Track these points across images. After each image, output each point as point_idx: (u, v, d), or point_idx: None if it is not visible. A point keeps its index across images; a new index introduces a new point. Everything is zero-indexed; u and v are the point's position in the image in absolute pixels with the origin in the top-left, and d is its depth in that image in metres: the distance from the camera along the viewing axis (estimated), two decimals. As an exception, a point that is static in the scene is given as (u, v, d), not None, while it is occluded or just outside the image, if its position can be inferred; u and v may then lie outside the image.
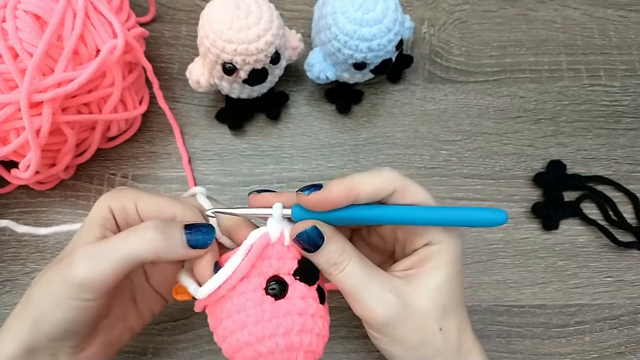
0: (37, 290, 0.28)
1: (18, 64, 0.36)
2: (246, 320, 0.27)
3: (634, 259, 0.43)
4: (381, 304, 0.28)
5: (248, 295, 0.28)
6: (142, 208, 0.30)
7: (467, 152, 0.46)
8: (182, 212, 0.30)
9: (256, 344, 0.27)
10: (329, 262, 0.28)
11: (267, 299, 0.28)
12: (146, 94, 0.46)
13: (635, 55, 0.49)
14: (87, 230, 0.29)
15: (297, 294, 0.29)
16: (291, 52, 0.44)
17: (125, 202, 0.30)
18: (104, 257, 0.27)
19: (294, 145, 0.46)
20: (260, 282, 0.28)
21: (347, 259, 0.28)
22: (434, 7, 0.51)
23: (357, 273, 0.28)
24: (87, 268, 0.26)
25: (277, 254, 0.29)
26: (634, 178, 0.45)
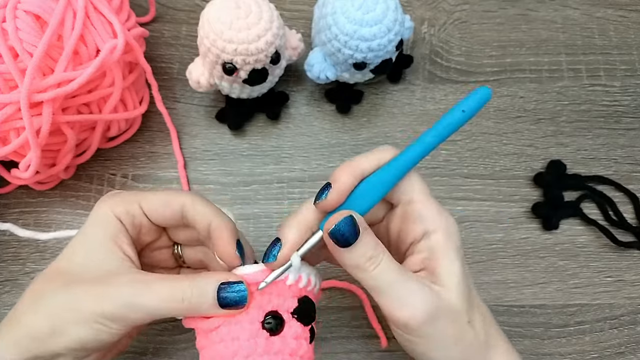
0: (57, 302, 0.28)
1: (18, 64, 0.36)
2: (238, 350, 0.27)
3: (634, 259, 0.43)
4: (420, 299, 0.27)
5: (244, 325, 0.28)
6: (148, 207, 0.30)
7: (467, 152, 0.46)
8: (191, 201, 0.30)
9: None
10: (365, 256, 0.27)
11: (262, 333, 0.28)
12: (146, 94, 0.46)
13: (635, 55, 0.49)
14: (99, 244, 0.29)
15: (292, 333, 0.28)
16: (291, 52, 0.44)
17: (129, 205, 0.29)
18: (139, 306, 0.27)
19: (294, 145, 0.46)
20: (258, 315, 0.28)
21: (381, 253, 0.27)
22: (434, 7, 0.51)
23: (393, 268, 0.27)
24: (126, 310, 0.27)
25: (277, 291, 0.29)
26: (634, 178, 0.45)
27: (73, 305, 0.27)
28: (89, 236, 0.29)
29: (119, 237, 0.29)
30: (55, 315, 0.27)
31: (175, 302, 0.27)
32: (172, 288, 0.27)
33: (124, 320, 0.27)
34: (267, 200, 0.44)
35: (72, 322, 0.27)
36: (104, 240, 0.29)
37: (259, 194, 0.45)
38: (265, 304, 0.28)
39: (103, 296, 0.27)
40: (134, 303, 0.27)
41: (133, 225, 0.30)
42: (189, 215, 0.30)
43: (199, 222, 0.30)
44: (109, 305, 0.27)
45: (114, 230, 0.29)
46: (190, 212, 0.29)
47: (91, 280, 0.28)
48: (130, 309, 0.27)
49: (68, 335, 0.27)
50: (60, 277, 0.29)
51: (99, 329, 0.27)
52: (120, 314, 0.27)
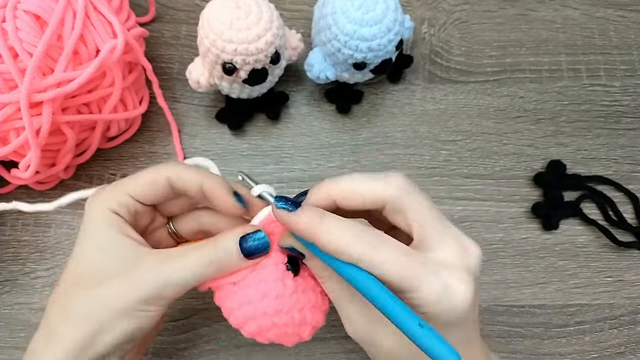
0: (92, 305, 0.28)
1: (18, 64, 0.36)
2: (268, 292, 0.29)
3: (634, 259, 0.43)
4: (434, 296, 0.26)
5: (269, 270, 0.29)
6: (136, 192, 0.30)
7: (467, 152, 0.46)
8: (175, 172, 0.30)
9: (274, 315, 0.29)
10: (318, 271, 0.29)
11: (288, 274, 0.30)
12: (146, 94, 0.46)
13: (635, 55, 0.49)
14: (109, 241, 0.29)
15: (308, 272, 0.30)
16: (291, 52, 0.44)
17: (119, 197, 0.30)
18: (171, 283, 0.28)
19: (294, 145, 0.46)
20: (281, 258, 0.30)
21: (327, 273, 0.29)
22: (434, 7, 0.51)
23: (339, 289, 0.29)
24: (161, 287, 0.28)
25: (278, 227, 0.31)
26: (634, 178, 0.45)
27: (110, 303, 0.28)
28: (96, 236, 0.29)
29: (123, 227, 0.29)
30: (94, 318, 0.28)
31: (204, 267, 0.28)
32: (196, 256, 0.29)
33: (161, 299, 0.28)
34: (267, 200, 0.44)
35: (113, 319, 0.28)
36: (112, 235, 0.29)
37: (259, 194, 0.45)
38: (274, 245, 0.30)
39: (135, 284, 0.28)
40: (166, 281, 0.28)
41: (129, 213, 0.30)
42: (177, 186, 0.30)
43: (189, 189, 0.30)
44: (143, 290, 0.28)
45: (116, 223, 0.29)
46: (178, 182, 0.30)
47: (117, 274, 0.28)
48: (163, 288, 0.28)
49: (112, 332, 0.28)
50: (84, 282, 0.29)
51: (140, 316, 0.28)
52: (156, 295, 0.28)
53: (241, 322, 0.30)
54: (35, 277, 0.42)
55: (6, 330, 0.41)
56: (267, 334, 0.30)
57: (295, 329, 0.30)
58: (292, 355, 0.40)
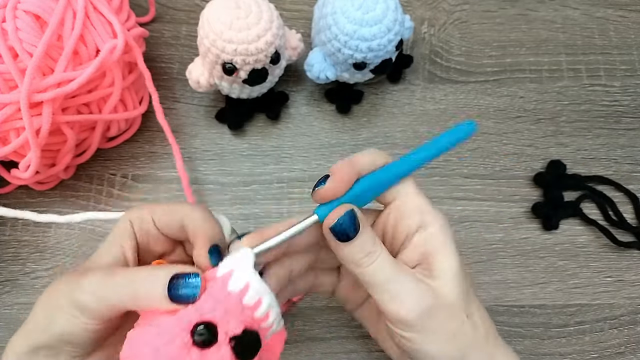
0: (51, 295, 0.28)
1: (18, 64, 0.36)
2: (151, 350, 0.24)
3: (634, 259, 0.43)
4: (415, 296, 0.27)
5: (172, 322, 0.24)
6: (156, 214, 0.29)
7: (467, 152, 0.46)
8: (192, 210, 0.29)
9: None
10: (363, 251, 0.27)
11: (187, 341, 0.24)
12: (146, 94, 0.46)
13: (635, 55, 0.49)
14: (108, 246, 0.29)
15: (217, 358, 0.24)
16: (291, 52, 0.44)
17: (142, 211, 0.29)
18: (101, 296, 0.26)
19: (294, 145, 0.46)
20: (193, 316, 0.24)
21: (379, 249, 0.27)
22: (434, 7, 0.51)
23: (389, 264, 0.27)
24: (90, 301, 0.26)
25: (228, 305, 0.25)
26: (634, 178, 0.45)
27: (56, 295, 0.27)
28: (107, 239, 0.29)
29: (124, 239, 0.29)
30: (47, 305, 0.28)
31: (126, 287, 0.26)
32: (129, 277, 0.26)
33: (91, 311, 0.26)
34: (267, 200, 0.44)
35: (56, 309, 0.27)
36: (112, 239, 0.29)
37: (259, 194, 0.45)
38: (206, 310, 0.24)
39: (77, 285, 0.27)
40: (98, 292, 0.26)
41: (141, 228, 0.29)
42: (185, 222, 0.29)
43: (189, 231, 0.29)
44: (79, 293, 0.26)
45: (123, 232, 0.29)
46: (186, 219, 0.29)
47: (79, 271, 0.28)
48: (94, 299, 0.26)
49: (55, 323, 0.27)
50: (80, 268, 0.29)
51: (71, 320, 0.27)
52: (87, 303, 0.26)
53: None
54: (35, 277, 0.42)
55: (6, 330, 0.41)
56: None
57: None
58: (292, 356, 0.40)
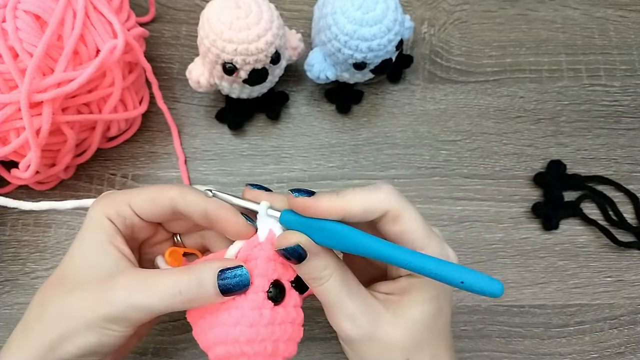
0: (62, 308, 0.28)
1: (18, 64, 0.36)
2: (241, 319, 0.27)
3: (634, 259, 0.43)
4: (350, 323, 0.28)
5: (248, 296, 0.28)
6: (137, 206, 0.30)
7: (467, 152, 0.46)
8: (180, 194, 0.29)
9: (245, 344, 0.27)
10: (310, 275, 0.28)
11: (267, 303, 0.28)
12: (146, 94, 0.46)
13: (635, 55, 0.49)
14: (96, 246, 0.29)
15: (292, 302, 0.29)
16: (291, 52, 0.44)
17: (119, 206, 0.29)
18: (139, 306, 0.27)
19: (294, 145, 0.46)
20: (263, 284, 0.28)
21: (328, 275, 0.28)
22: (434, 7, 0.51)
23: (335, 289, 0.28)
24: (125, 312, 0.27)
25: (279, 259, 0.29)
26: (634, 178, 0.45)
27: (76, 312, 0.27)
28: (86, 240, 0.29)
29: (114, 237, 0.29)
30: (62, 323, 0.27)
31: (174, 297, 0.27)
32: (169, 283, 0.27)
33: (126, 321, 0.27)
34: (267, 200, 0.44)
35: (77, 329, 0.27)
36: (100, 242, 0.29)
37: (259, 194, 0.45)
38: (269, 273, 0.28)
39: (103, 300, 0.27)
40: (133, 304, 0.27)
41: (125, 225, 0.30)
42: (180, 207, 0.29)
43: (192, 212, 0.29)
44: (109, 308, 0.27)
45: (108, 231, 0.29)
46: (181, 204, 0.29)
47: (91, 284, 0.28)
48: (130, 310, 0.27)
49: (75, 342, 0.27)
50: (64, 283, 0.29)
51: (103, 334, 0.27)
52: (121, 316, 0.27)
53: (210, 345, 0.29)
54: (35, 277, 0.42)
55: (6, 330, 0.41)
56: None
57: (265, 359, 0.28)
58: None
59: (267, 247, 0.29)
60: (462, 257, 0.43)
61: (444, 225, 0.44)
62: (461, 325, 0.41)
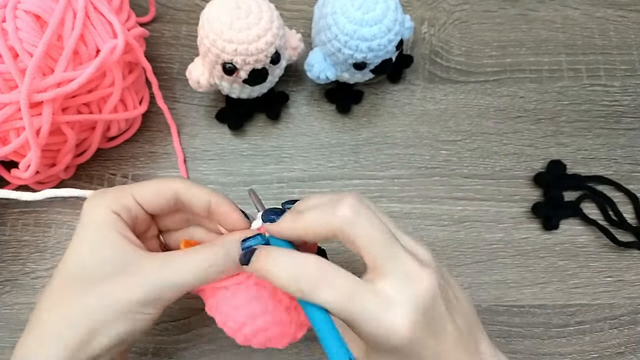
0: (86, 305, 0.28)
1: (18, 64, 0.36)
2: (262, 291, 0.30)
3: (634, 259, 0.43)
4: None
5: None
6: (142, 198, 0.30)
7: (467, 152, 0.46)
8: (184, 186, 0.31)
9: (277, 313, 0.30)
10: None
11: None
12: (146, 94, 0.46)
13: (635, 55, 0.49)
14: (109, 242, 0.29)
15: None
16: (291, 52, 0.44)
17: (124, 199, 0.30)
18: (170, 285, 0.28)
19: (294, 145, 0.46)
20: None
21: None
22: (434, 7, 0.51)
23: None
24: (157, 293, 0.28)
25: None
26: (634, 178, 0.45)
27: (105, 303, 0.28)
28: (93, 236, 0.29)
29: (122, 229, 0.30)
30: (92, 318, 0.27)
31: (203, 270, 0.28)
32: (197, 258, 0.29)
33: (158, 302, 0.28)
34: (267, 200, 0.44)
35: (109, 319, 0.28)
36: (111, 235, 0.29)
37: (259, 194, 0.44)
38: None
39: (133, 285, 0.28)
40: (166, 283, 0.28)
41: (130, 217, 0.30)
42: (184, 199, 0.31)
43: (195, 203, 0.31)
44: (143, 292, 0.28)
45: (117, 224, 0.29)
46: (186, 195, 0.30)
47: (115, 276, 0.28)
48: (162, 290, 0.28)
49: (106, 334, 0.28)
50: (79, 282, 0.28)
51: (135, 318, 0.28)
52: (154, 296, 0.28)
53: (240, 325, 0.30)
54: (35, 277, 0.42)
55: (6, 330, 0.41)
56: (264, 334, 0.30)
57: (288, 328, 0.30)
58: (292, 356, 0.40)
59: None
60: (462, 257, 0.43)
61: (444, 225, 0.44)
62: (461, 325, 0.41)
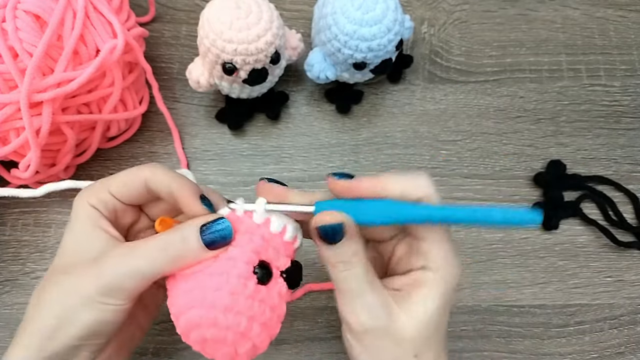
0: (59, 293, 0.28)
1: (18, 64, 0.36)
2: (224, 285, 0.27)
3: (634, 259, 0.43)
4: (368, 314, 0.28)
5: (237, 263, 0.27)
6: (114, 190, 0.30)
7: (467, 152, 0.46)
8: (152, 173, 0.30)
9: (221, 311, 0.26)
10: (340, 258, 0.28)
11: (252, 277, 0.27)
12: (146, 94, 0.46)
13: (635, 55, 0.49)
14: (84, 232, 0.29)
15: (277, 290, 0.28)
16: (291, 52, 0.44)
17: (99, 193, 0.30)
18: (130, 271, 0.28)
19: (294, 145, 0.46)
20: (252, 258, 0.28)
21: (356, 261, 0.28)
22: (434, 7, 0.51)
23: (359, 277, 0.28)
24: (117, 280, 0.27)
25: (275, 245, 0.29)
26: (634, 178, 0.45)
27: (72, 290, 0.28)
28: (74, 229, 0.30)
29: (99, 221, 0.30)
30: (58, 305, 0.28)
31: (161, 254, 0.27)
32: (154, 243, 0.28)
33: (121, 291, 0.27)
34: (267, 200, 0.44)
35: (75, 307, 0.28)
36: (87, 227, 0.29)
37: (259, 194, 0.45)
38: (261, 251, 0.28)
39: (96, 273, 0.28)
40: (124, 270, 0.27)
41: (107, 210, 0.30)
42: (152, 186, 0.30)
43: (161, 190, 0.30)
44: (102, 280, 0.27)
45: (93, 217, 0.29)
46: (152, 183, 0.30)
47: (84, 264, 0.28)
48: (122, 278, 0.27)
49: (74, 322, 0.27)
50: (58, 271, 0.29)
51: (100, 309, 0.27)
52: (116, 284, 0.27)
53: (182, 310, 0.27)
54: (35, 277, 0.42)
55: (6, 330, 0.41)
56: (205, 331, 0.27)
57: (236, 338, 0.27)
58: (292, 356, 0.40)
59: (265, 229, 0.29)
60: (462, 257, 0.43)
61: (444, 225, 0.44)
62: (461, 325, 0.41)
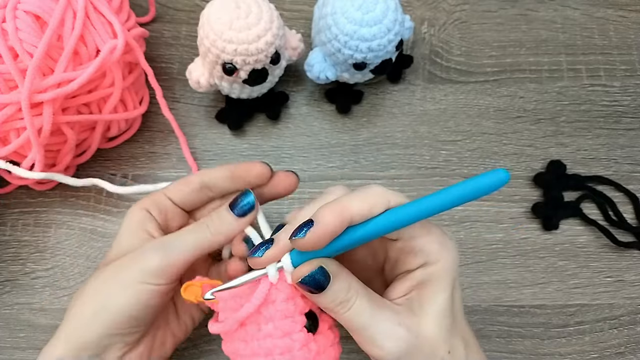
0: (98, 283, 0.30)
1: (18, 64, 0.36)
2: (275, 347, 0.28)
3: (634, 259, 0.43)
4: (393, 340, 0.27)
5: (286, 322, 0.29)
6: (169, 190, 0.33)
7: (467, 152, 0.46)
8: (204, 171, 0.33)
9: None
10: (335, 301, 0.27)
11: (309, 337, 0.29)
12: (146, 94, 0.46)
13: (635, 55, 0.49)
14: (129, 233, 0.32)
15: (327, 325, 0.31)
16: (291, 52, 0.44)
17: (154, 196, 0.33)
18: (173, 252, 0.30)
19: (294, 145, 0.46)
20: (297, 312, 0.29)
21: (354, 296, 0.27)
22: (434, 7, 0.51)
23: (365, 310, 0.27)
24: (161, 256, 0.30)
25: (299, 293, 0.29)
26: (634, 178, 0.45)
27: (110, 278, 0.30)
28: (121, 230, 0.33)
29: (146, 224, 0.32)
30: (98, 291, 0.30)
31: (202, 233, 0.31)
32: (193, 226, 0.31)
33: (163, 271, 0.29)
34: (267, 200, 0.44)
35: (113, 293, 0.29)
36: (132, 228, 0.32)
37: (259, 194, 0.45)
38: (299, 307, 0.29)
39: (139, 257, 0.30)
40: (168, 251, 0.30)
41: (159, 210, 0.33)
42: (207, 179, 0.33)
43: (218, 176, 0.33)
44: (145, 261, 0.29)
45: (142, 220, 0.32)
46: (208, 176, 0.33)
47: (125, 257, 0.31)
48: (166, 257, 0.29)
49: (110, 308, 0.29)
50: (101, 267, 0.32)
51: (140, 289, 0.29)
52: (158, 265, 0.29)
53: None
54: (35, 277, 0.42)
55: (6, 330, 0.41)
56: None
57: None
58: None
59: (283, 286, 0.29)
60: (462, 257, 0.43)
61: (444, 225, 0.44)
62: (461, 325, 0.41)
